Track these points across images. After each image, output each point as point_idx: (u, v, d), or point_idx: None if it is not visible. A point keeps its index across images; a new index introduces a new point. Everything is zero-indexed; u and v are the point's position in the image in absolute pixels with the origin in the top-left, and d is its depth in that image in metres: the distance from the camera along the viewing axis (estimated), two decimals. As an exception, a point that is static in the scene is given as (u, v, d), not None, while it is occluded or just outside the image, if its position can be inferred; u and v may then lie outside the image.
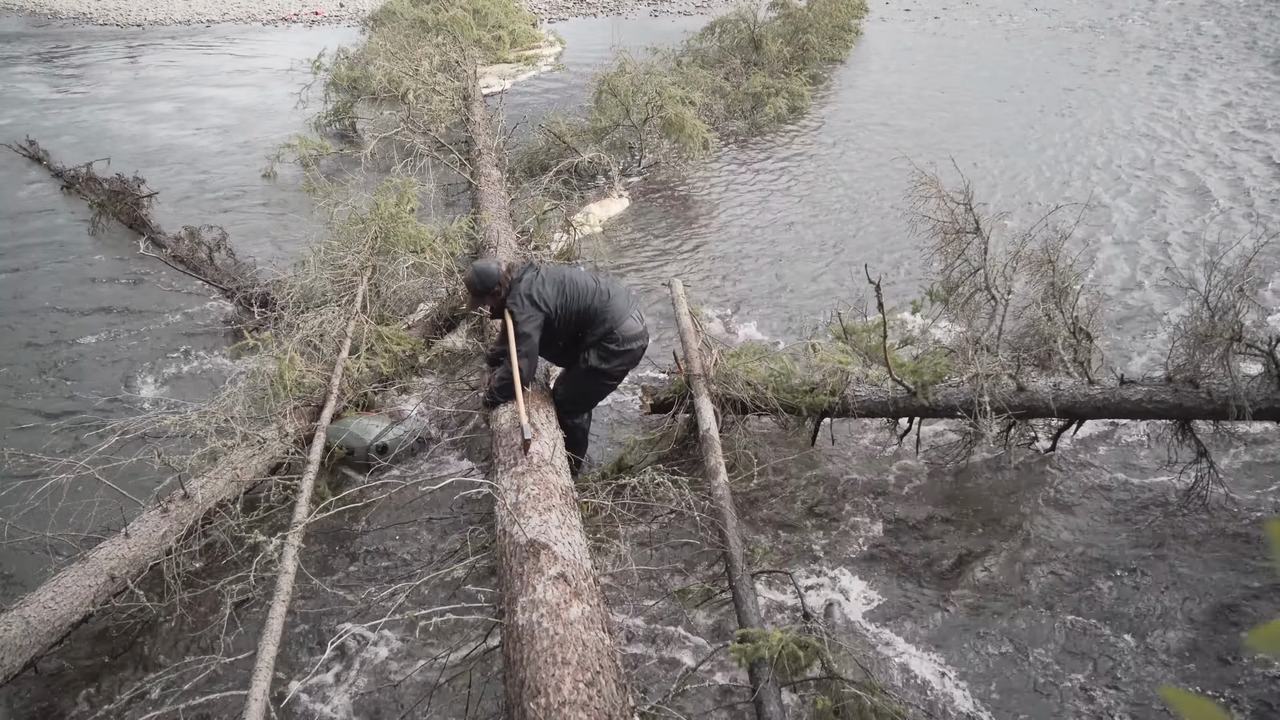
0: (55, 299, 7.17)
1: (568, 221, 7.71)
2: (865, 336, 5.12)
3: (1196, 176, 9.38)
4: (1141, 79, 13.31)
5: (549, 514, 3.65)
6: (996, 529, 4.56)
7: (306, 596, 4.10)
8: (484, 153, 8.89)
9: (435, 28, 13.45)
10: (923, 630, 3.96)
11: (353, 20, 19.10)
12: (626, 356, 4.49)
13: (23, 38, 18.35)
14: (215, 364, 6.14)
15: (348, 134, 11.25)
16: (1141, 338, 6.32)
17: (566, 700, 2.76)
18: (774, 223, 8.54)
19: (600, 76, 9.99)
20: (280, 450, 4.67)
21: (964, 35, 16.94)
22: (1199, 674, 3.72)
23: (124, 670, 3.79)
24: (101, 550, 3.86)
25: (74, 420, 5.51)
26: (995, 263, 5.06)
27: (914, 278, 7.15)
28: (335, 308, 5.58)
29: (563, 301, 4.42)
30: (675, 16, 19.57)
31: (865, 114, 11.94)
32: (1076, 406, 4.65)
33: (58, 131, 11.57)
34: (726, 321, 6.62)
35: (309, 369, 5.06)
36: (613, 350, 4.44)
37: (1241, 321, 4.34)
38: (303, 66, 11.86)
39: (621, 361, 4.50)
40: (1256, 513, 4.61)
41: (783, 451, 5.10)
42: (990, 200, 8.54)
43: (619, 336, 4.42)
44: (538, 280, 4.45)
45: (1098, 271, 7.28)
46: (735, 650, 3.22)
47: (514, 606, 3.21)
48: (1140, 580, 4.21)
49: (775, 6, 14.04)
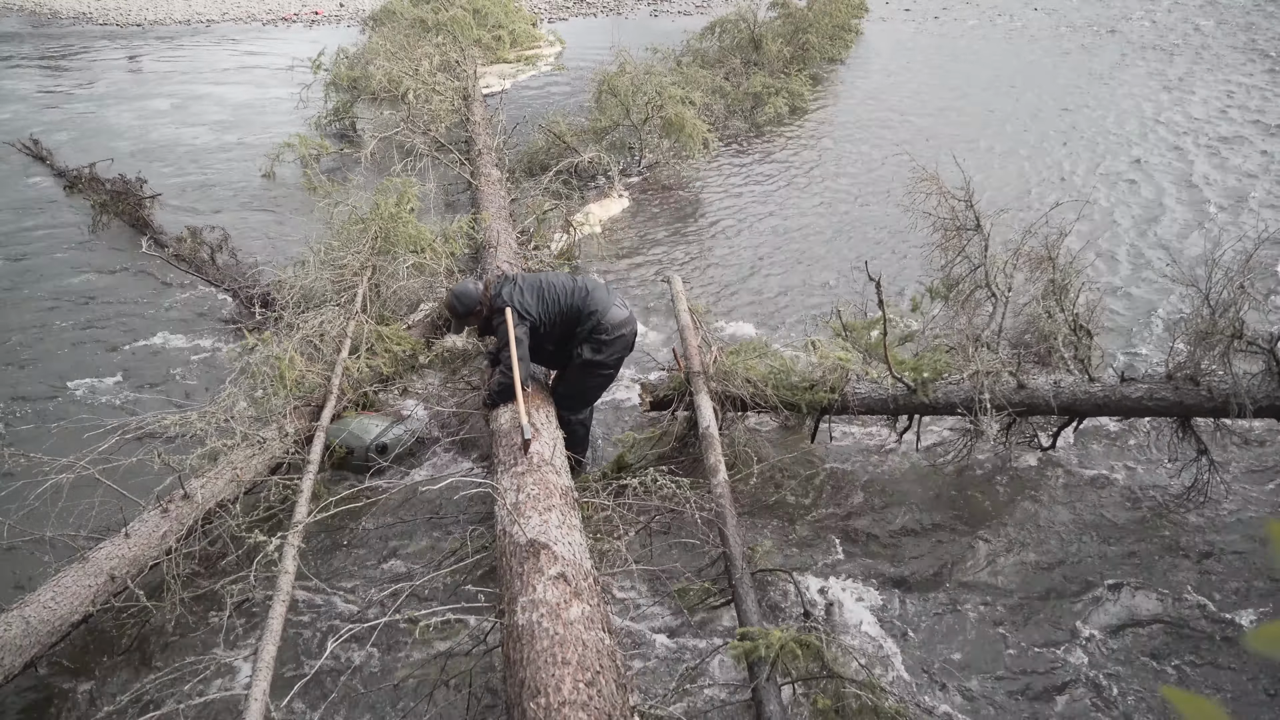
0: (54, 290, 7.20)
1: (568, 221, 7.71)
2: (865, 333, 5.12)
3: (1197, 175, 9.37)
4: (1142, 78, 13.30)
5: (549, 514, 3.65)
6: (996, 527, 4.55)
7: (307, 596, 4.09)
8: (484, 152, 8.88)
9: (435, 27, 13.45)
10: (923, 628, 3.95)
11: (353, 20, 19.10)
12: (618, 344, 4.56)
13: (21, 37, 18.36)
14: (216, 359, 6.14)
15: (347, 134, 11.24)
16: (1142, 335, 6.32)
17: (566, 700, 2.75)
18: (774, 221, 8.53)
19: (600, 76, 9.98)
20: (280, 450, 4.67)
21: (964, 35, 16.93)
22: (1199, 674, 3.72)
23: (124, 670, 3.78)
24: (101, 550, 3.85)
25: (73, 420, 5.51)
26: (995, 260, 5.05)
27: (915, 275, 7.14)
28: (335, 308, 5.58)
29: (544, 308, 4.49)
30: (675, 16, 19.56)
31: (865, 113, 11.94)
32: (1077, 404, 4.65)
33: (56, 128, 11.57)
34: (726, 319, 6.62)
35: (309, 369, 5.06)
36: (604, 340, 4.50)
37: (1242, 319, 4.34)
38: (303, 66, 11.86)
39: (614, 350, 4.56)
40: (1257, 512, 4.60)
41: (782, 449, 5.10)
42: (990, 198, 8.53)
43: (607, 325, 4.49)
44: (516, 292, 4.50)
45: (1098, 269, 7.27)
46: (735, 649, 3.22)
47: (514, 606, 3.20)
48: (1140, 579, 4.20)
49: (775, 6, 14.03)
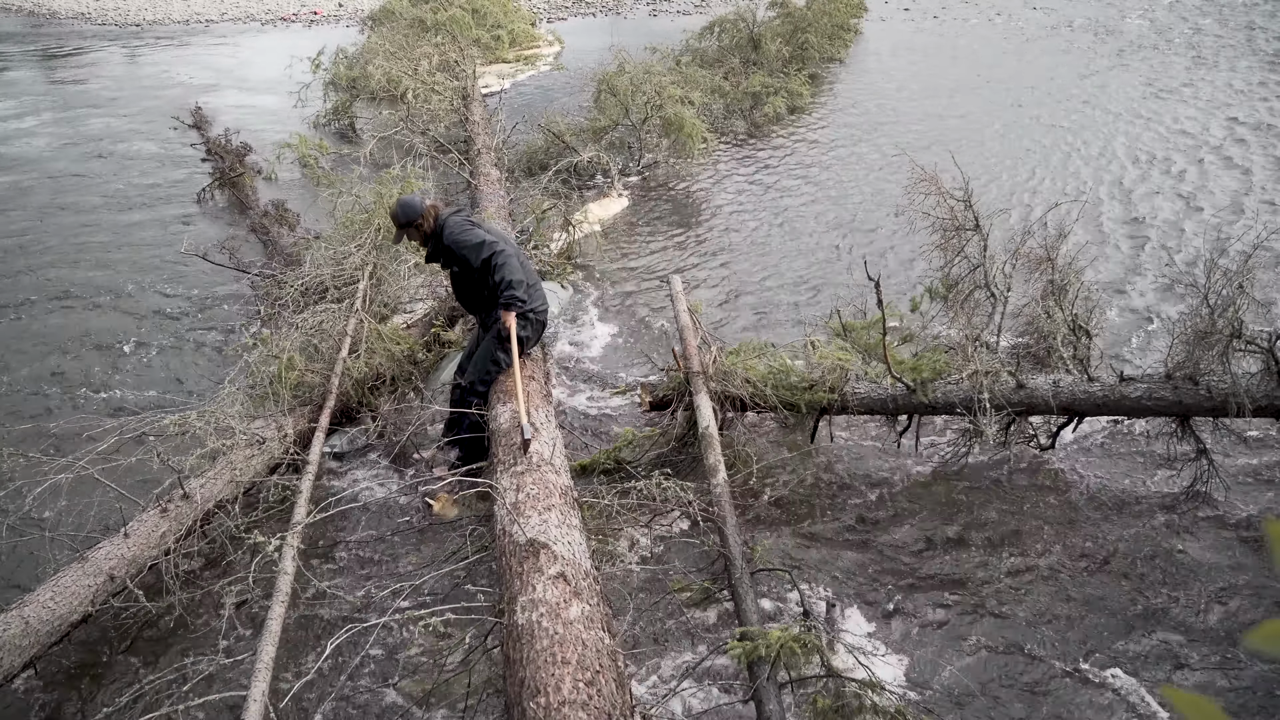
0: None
1: (567, 220, 7.71)
2: (864, 333, 5.12)
3: (1197, 175, 9.37)
4: (1141, 78, 13.30)
5: (549, 513, 3.65)
6: (996, 526, 4.55)
7: (306, 596, 4.09)
8: (483, 152, 8.87)
9: (434, 27, 13.43)
10: (923, 628, 3.95)
11: (352, 20, 19.08)
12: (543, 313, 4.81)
13: (22, 37, 18.34)
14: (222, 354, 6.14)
15: (346, 134, 11.24)
16: (1141, 335, 6.32)
17: (566, 700, 2.75)
18: (773, 221, 8.53)
19: (599, 76, 9.98)
20: (279, 450, 4.66)
21: (963, 34, 16.93)
22: (1199, 674, 3.72)
23: (124, 670, 3.78)
24: (101, 550, 3.85)
25: (75, 420, 5.50)
26: (995, 260, 5.05)
27: (914, 275, 7.14)
28: (335, 305, 5.57)
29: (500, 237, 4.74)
30: (674, 16, 19.55)
31: (864, 113, 11.94)
32: (1076, 403, 4.65)
33: (57, 127, 11.57)
34: (725, 318, 6.62)
35: (309, 368, 5.05)
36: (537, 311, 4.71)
37: (1241, 318, 4.34)
38: (301, 66, 11.86)
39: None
40: (1256, 511, 4.61)
41: (782, 449, 5.10)
42: (989, 198, 8.53)
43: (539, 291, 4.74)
44: (464, 221, 4.70)
45: (1097, 269, 7.27)
46: (734, 648, 3.22)
47: (514, 606, 3.20)
48: (1139, 579, 4.20)
49: (774, 6, 14.01)
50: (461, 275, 4.74)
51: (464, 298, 4.91)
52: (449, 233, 4.59)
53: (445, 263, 4.77)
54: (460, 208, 4.84)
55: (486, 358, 4.70)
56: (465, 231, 4.59)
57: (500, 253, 4.53)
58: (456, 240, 4.57)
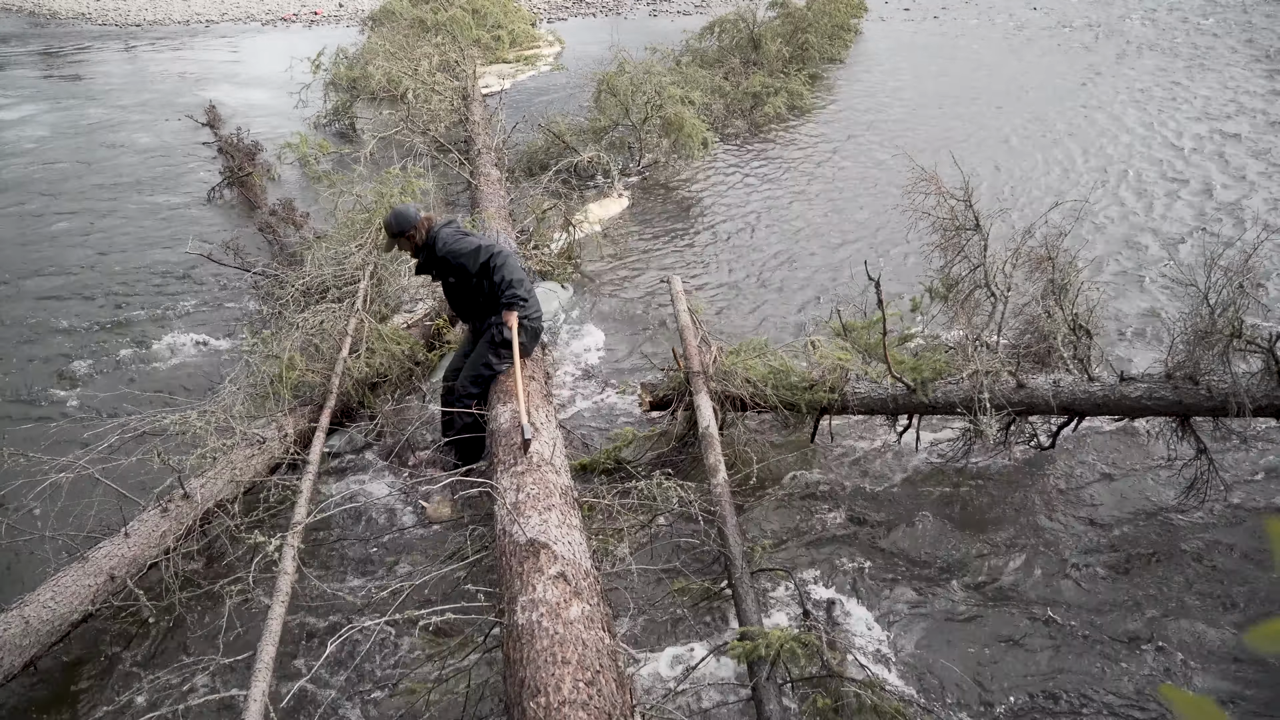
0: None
1: (567, 220, 7.70)
2: (865, 333, 5.11)
3: (1197, 175, 9.37)
4: (1141, 78, 13.30)
5: (549, 513, 3.65)
6: (995, 527, 4.55)
7: (306, 596, 4.09)
8: (483, 152, 8.88)
9: (434, 27, 13.44)
10: (923, 628, 3.95)
11: (352, 20, 19.09)
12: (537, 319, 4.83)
13: (21, 37, 18.34)
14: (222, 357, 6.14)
15: (347, 134, 11.24)
16: (1141, 334, 6.32)
17: (566, 699, 2.75)
18: (774, 220, 8.53)
19: (600, 76, 9.98)
20: (280, 450, 4.66)
21: (963, 35, 16.93)
22: (1198, 673, 3.72)
23: (123, 670, 3.78)
24: (101, 550, 3.85)
25: (74, 420, 5.51)
26: (995, 259, 5.05)
27: (915, 275, 7.14)
28: (336, 305, 5.57)
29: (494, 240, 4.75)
30: (674, 16, 19.56)
31: (864, 112, 11.94)
32: (1076, 403, 4.65)
33: (51, 126, 11.57)
34: (725, 318, 6.61)
35: (309, 368, 5.05)
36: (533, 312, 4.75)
37: (1241, 318, 4.34)
38: (302, 66, 11.86)
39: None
40: (1257, 510, 4.60)
41: (782, 449, 5.10)
42: (989, 198, 8.53)
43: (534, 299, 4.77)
44: (456, 230, 4.70)
45: (1097, 269, 7.27)
46: (735, 648, 3.22)
47: (514, 606, 3.20)
48: (1139, 578, 4.20)
49: (774, 6, 14.03)
50: (457, 284, 4.75)
51: (459, 306, 4.91)
52: (442, 244, 4.59)
53: (438, 274, 4.79)
54: (451, 219, 4.84)
55: (479, 361, 4.71)
56: (459, 241, 4.60)
57: (499, 253, 4.55)
58: (451, 250, 4.57)
